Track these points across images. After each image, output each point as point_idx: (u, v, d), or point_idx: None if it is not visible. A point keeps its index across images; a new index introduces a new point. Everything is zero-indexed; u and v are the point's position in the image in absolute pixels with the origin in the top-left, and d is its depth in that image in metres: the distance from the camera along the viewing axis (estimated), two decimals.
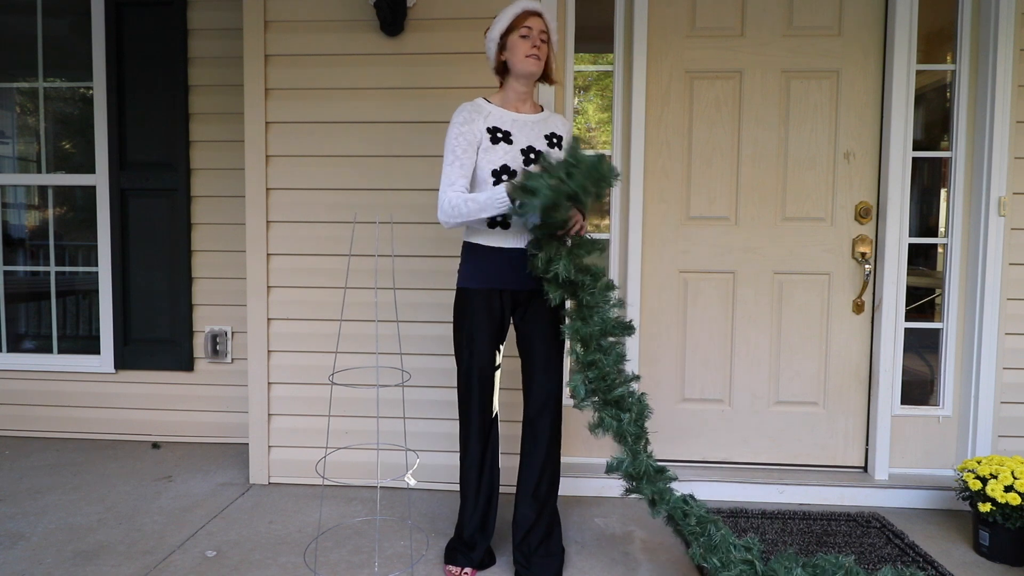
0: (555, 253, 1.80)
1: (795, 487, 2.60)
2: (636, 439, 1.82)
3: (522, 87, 1.94)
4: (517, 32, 1.88)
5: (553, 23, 1.94)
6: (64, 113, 3.32)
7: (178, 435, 3.22)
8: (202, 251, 3.17)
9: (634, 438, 1.82)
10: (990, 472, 2.15)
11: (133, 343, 3.20)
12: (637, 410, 1.83)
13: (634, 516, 2.46)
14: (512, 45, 1.89)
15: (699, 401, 2.74)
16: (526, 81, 1.93)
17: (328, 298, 2.68)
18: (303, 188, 2.66)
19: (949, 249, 2.63)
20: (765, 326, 2.70)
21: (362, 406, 2.68)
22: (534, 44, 1.87)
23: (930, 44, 2.66)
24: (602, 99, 2.93)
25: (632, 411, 1.82)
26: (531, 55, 1.87)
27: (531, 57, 1.87)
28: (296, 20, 2.63)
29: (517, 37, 1.88)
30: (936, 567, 2.07)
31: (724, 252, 2.70)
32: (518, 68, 1.89)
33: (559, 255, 1.79)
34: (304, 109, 2.65)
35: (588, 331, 1.81)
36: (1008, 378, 2.58)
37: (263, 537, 2.24)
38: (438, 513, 2.46)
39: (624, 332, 1.84)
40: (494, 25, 1.92)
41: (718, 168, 2.68)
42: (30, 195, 3.41)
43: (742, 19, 2.65)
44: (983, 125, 2.54)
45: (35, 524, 2.31)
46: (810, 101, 2.65)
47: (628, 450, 1.82)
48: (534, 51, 1.87)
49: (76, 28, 3.18)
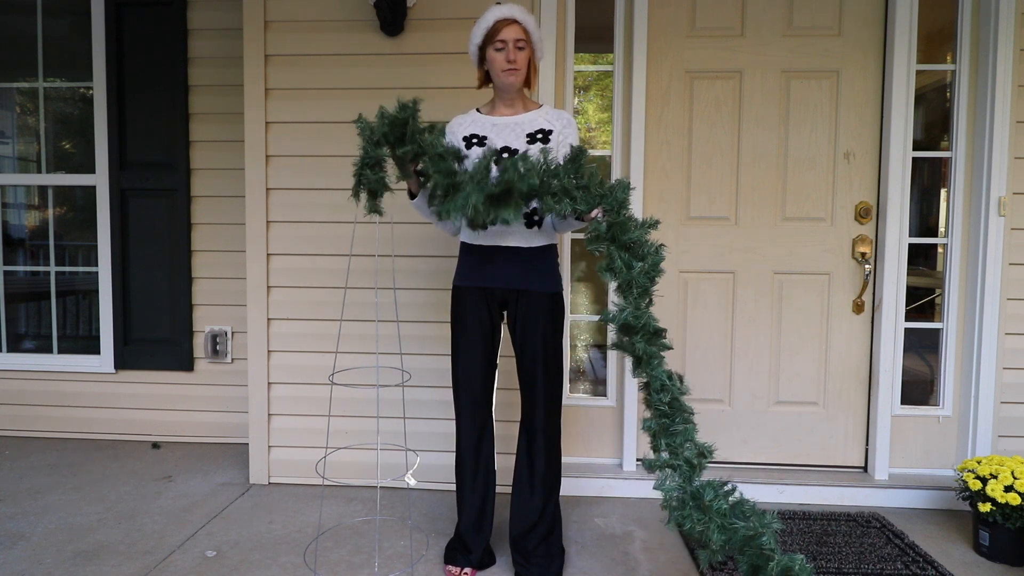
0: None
1: (795, 487, 2.60)
2: (643, 294, 1.64)
3: (507, 95, 1.95)
4: (492, 46, 1.87)
5: (530, 21, 1.89)
6: (64, 113, 3.32)
7: (178, 435, 3.22)
8: (202, 251, 3.17)
9: (641, 291, 1.64)
10: (990, 472, 2.15)
11: (133, 343, 3.20)
12: (652, 261, 1.65)
13: (634, 516, 2.46)
14: (490, 59, 1.89)
15: (699, 401, 2.74)
16: (509, 90, 1.93)
17: (328, 298, 2.68)
18: (303, 188, 2.66)
19: (949, 249, 2.63)
20: (765, 326, 2.70)
21: (362, 406, 2.68)
22: (509, 58, 1.85)
23: (930, 44, 2.67)
24: (602, 99, 2.93)
25: (647, 260, 1.64)
26: (507, 69, 1.86)
27: (508, 72, 1.87)
28: (296, 20, 2.63)
29: (493, 51, 1.87)
30: (936, 567, 2.07)
31: (724, 252, 2.70)
32: (497, 82, 1.91)
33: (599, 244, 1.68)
34: (304, 109, 2.65)
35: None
36: (1008, 378, 2.58)
37: (263, 537, 2.24)
38: (438, 513, 2.46)
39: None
40: (471, 37, 1.92)
41: (718, 168, 2.68)
42: (30, 195, 3.41)
43: (742, 19, 2.65)
44: (983, 125, 2.54)
45: (35, 524, 2.31)
46: (810, 101, 2.65)
47: (632, 301, 1.63)
48: (510, 65, 1.86)
49: (76, 28, 3.18)
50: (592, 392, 2.88)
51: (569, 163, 1.69)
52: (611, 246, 1.65)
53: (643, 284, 1.64)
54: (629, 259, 1.64)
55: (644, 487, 2.63)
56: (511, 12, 1.86)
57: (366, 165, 1.68)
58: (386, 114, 1.68)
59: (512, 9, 1.87)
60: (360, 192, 1.71)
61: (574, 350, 2.92)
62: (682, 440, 1.55)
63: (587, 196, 1.68)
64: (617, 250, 1.65)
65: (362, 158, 1.69)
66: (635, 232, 1.67)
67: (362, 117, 1.70)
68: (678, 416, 1.58)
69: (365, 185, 1.70)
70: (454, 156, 1.72)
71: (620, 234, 1.67)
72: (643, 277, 1.63)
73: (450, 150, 1.71)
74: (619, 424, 2.73)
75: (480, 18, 1.89)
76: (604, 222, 1.67)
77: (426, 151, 1.69)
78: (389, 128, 1.66)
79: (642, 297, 1.64)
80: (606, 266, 1.66)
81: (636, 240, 1.65)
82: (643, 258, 1.64)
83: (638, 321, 1.61)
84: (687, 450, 1.55)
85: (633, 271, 1.63)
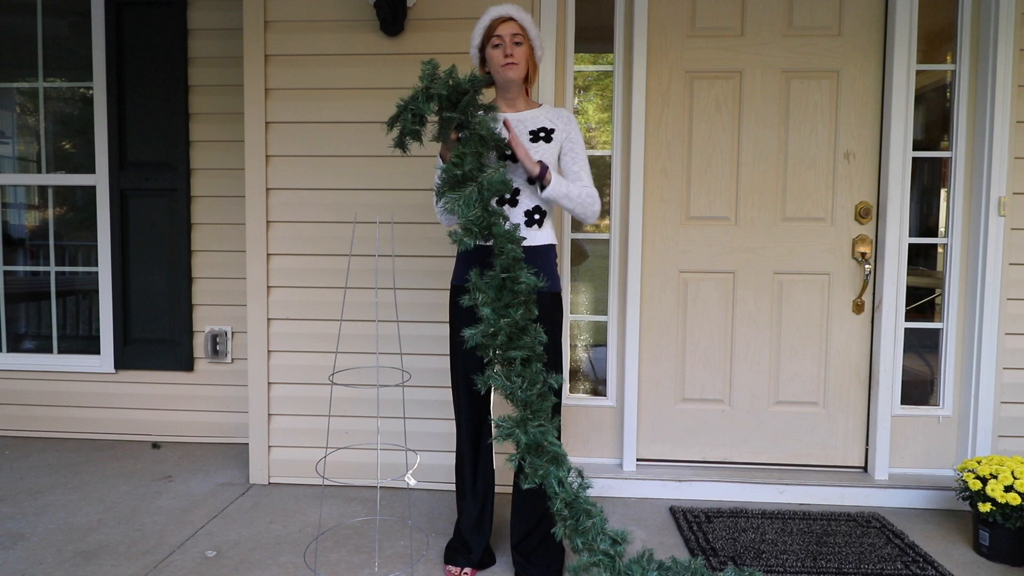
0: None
1: (795, 487, 2.60)
2: (525, 407, 1.63)
3: (508, 93, 1.96)
4: (490, 44, 1.91)
5: (527, 18, 1.93)
6: (64, 113, 3.32)
7: (178, 435, 3.22)
8: (202, 251, 3.16)
9: (523, 405, 1.63)
10: (990, 472, 2.15)
11: (133, 343, 3.20)
12: (540, 385, 1.65)
13: (634, 516, 2.46)
14: (489, 57, 1.92)
15: (699, 401, 2.74)
16: (509, 87, 1.95)
17: (328, 298, 2.68)
18: (303, 188, 2.66)
19: (949, 249, 2.63)
20: (765, 326, 2.70)
21: (362, 406, 2.68)
22: (506, 52, 1.88)
23: (930, 44, 2.67)
24: (602, 99, 2.93)
25: (537, 384, 1.64)
26: (506, 63, 1.89)
27: (507, 65, 1.89)
28: (296, 20, 2.63)
29: (491, 48, 1.91)
30: (936, 567, 2.07)
31: (724, 252, 2.70)
32: (498, 77, 1.93)
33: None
34: (304, 109, 2.65)
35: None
36: (1008, 378, 2.58)
37: (263, 537, 2.24)
38: (438, 513, 2.46)
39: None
40: (471, 39, 1.97)
41: (718, 168, 2.68)
42: (30, 195, 3.41)
43: (742, 19, 2.65)
44: (983, 125, 2.54)
45: (35, 524, 2.31)
46: (810, 101, 2.65)
47: (520, 414, 1.64)
48: (508, 58, 1.88)
49: (76, 28, 3.18)
50: (592, 392, 2.88)
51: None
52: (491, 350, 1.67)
53: (525, 400, 1.63)
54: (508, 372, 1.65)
55: (644, 487, 2.63)
56: (507, 10, 1.91)
57: (410, 110, 1.66)
58: (454, 75, 1.67)
59: (508, 8, 1.92)
60: (394, 126, 1.70)
61: (574, 350, 2.92)
62: (594, 535, 1.58)
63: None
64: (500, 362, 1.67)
65: (408, 102, 1.67)
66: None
67: (433, 61, 1.69)
68: (581, 515, 1.60)
69: (403, 123, 1.69)
70: (494, 144, 1.73)
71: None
72: (524, 392, 1.63)
73: (493, 136, 1.72)
74: (619, 424, 2.73)
75: (477, 22, 1.95)
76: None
77: (471, 127, 1.70)
78: (448, 91, 1.66)
79: (526, 409, 1.63)
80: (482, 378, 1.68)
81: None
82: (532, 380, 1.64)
83: (530, 441, 1.61)
84: (602, 543, 1.57)
85: (514, 385, 1.63)
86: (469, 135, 1.70)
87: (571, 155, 1.95)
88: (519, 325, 1.65)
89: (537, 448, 1.62)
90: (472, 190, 1.66)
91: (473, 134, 1.70)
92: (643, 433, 2.75)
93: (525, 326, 1.67)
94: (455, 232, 1.68)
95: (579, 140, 1.97)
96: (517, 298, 1.65)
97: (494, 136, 1.72)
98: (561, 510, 1.59)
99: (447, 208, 1.68)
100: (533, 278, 1.66)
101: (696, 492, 2.61)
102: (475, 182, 1.67)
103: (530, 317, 1.68)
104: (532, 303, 1.69)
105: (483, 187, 1.66)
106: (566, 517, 1.59)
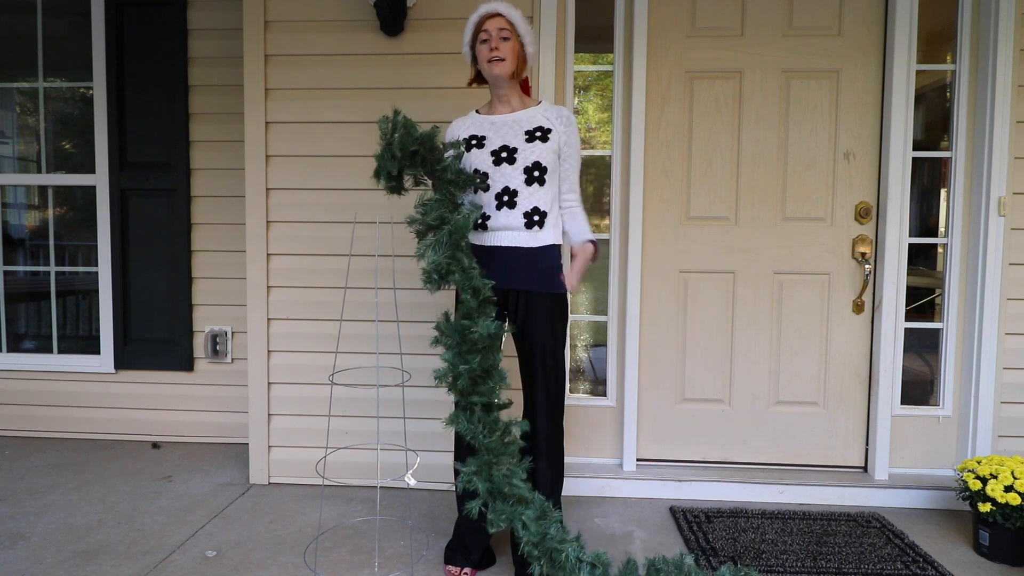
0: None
1: (795, 487, 2.60)
2: (488, 451, 1.67)
3: (499, 89, 1.96)
4: (478, 40, 1.92)
5: (515, 14, 1.91)
6: (64, 113, 3.32)
7: (178, 435, 3.22)
8: (202, 251, 3.16)
9: (486, 449, 1.67)
10: (990, 472, 2.15)
11: (133, 343, 3.20)
12: (500, 433, 1.69)
13: (634, 516, 2.46)
14: (478, 54, 1.93)
15: (699, 401, 2.74)
16: (499, 83, 1.94)
17: (328, 298, 2.68)
18: (303, 188, 2.66)
19: (949, 249, 2.63)
20: (765, 326, 2.70)
21: (362, 406, 2.68)
22: (492, 47, 1.88)
23: (930, 44, 2.66)
24: (602, 99, 2.93)
25: (496, 430, 1.69)
26: (491, 59, 1.88)
27: (492, 61, 1.89)
28: (296, 20, 2.63)
29: (479, 45, 1.92)
30: (936, 567, 2.07)
31: (724, 252, 2.70)
32: (486, 73, 1.93)
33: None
34: (304, 109, 2.65)
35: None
36: (1008, 378, 2.58)
37: (263, 537, 2.24)
38: (438, 513, 2.46)
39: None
40: (463, 38, 1.97)
41: (718, 168, 2.68)
42: (30, 195, 3.41)
43: (742, 19, 2.65)
44: (983, 125, 2.54)
45: (35, 524, 2.31)
46: (810, 101, 2.65)
47: (483, 459, 1.67)
48: (494, 52, 1.88)
49: (76, 28, 3.18)
50: (592, 392, 2.88)
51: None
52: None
53: (487, 444, 1.67)
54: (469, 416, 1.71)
55: (644, 487, 2.63)
56: (494, 7, 1.92)
57: (383, 168, 1.71)
58: (411, 130, 1.69)
59: (496, 4, 1.93)
60: (380, 178, 1.74)
61: (574, 350, 2.92)
62: (571, 568, 1.60)
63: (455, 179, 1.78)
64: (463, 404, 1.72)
65: (377, 159, 1.72)
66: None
67: (386, 117, 1.71)
68: (552, 552, 1.61)
69: (381, 179, 1.73)
70: (464, 182, 1.80)
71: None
72: (486, 436, 1.68)
73: (462, 176, 1.79)
74: (619, 424, 2.73)
75: (467, 21, 1.95)
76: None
77: (436, 174, 1.76)
78: (400, 152, 1.69)
79: (490, 454, 1.68)
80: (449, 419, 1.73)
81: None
82: (491, 427, 1.70)
83: (494, 487, 1.65)
84: (582, 571, 1.59)
85: (475, 427, 1.68)
86: (438, 180, 1.76)
87: (570, 161, 1.96)
88: (475, 373, 1.69)
89: (500, 493, 1.66)
90: (442, 235, 1.70)
91: (440, 180, 1.76)
92: (643, 433, 2.75)
93: (488, 372, 1.71)
94: (424, 272, 1.74)
95: (577, 145, 1.98)
96: (475, 346, 1.69)
97: (463, 176, 1.79)
98: (531, 552, 1.62)
99: (418, 255, 1.71)
100: (491, 325, 1.69)
101: (696, 492, 2.61)
102: (444, 227, 1.72)
103: (490, 364, 1.72)
104: (494, 350, 1.73)
105: (452, 231, 1.71)
106: (537, 557, 1.62)
